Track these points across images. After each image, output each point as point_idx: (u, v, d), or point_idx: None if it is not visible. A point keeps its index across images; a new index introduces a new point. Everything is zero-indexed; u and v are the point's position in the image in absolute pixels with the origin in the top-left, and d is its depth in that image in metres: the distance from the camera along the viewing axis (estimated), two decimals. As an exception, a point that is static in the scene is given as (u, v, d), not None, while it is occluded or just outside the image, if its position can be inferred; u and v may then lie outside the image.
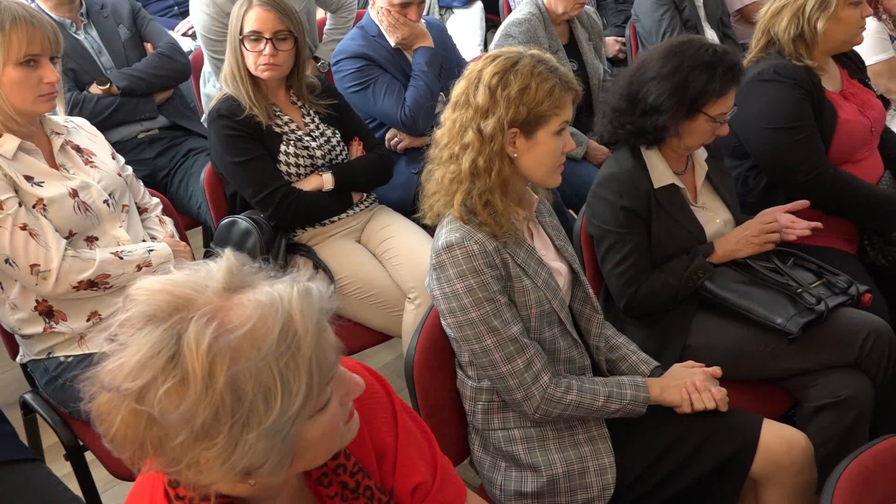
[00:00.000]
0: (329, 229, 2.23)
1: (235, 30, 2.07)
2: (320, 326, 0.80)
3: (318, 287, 0.84)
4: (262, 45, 2.05)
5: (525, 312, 1.51)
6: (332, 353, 0.82)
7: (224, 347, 0.74)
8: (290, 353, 0.77)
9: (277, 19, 2.06)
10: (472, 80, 1.49)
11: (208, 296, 0.78)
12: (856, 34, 2.19)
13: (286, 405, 0.76)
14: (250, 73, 2.09)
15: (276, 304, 0.78)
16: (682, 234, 1.87)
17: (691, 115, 1.77)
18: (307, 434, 0.82)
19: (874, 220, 2.18)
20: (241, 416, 0.75)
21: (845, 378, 1.77)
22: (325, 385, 0.82)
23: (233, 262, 0.82)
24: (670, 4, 3.53)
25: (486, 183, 1.48)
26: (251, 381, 0.75)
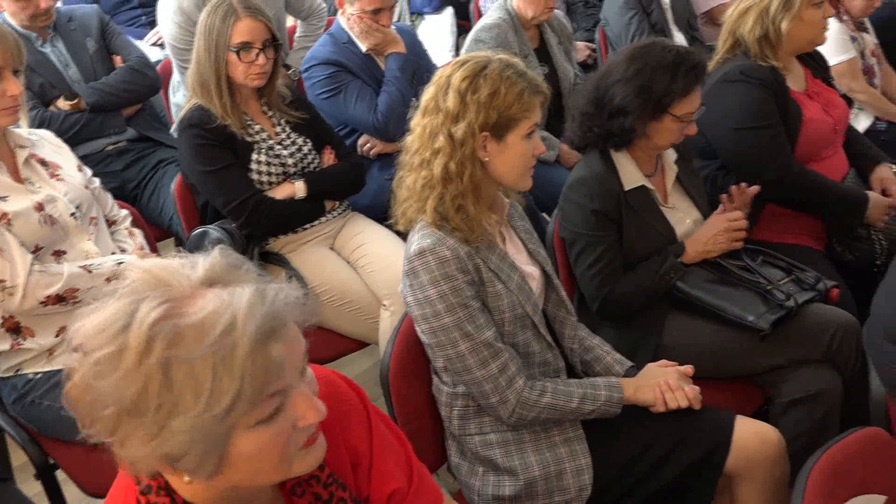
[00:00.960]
0: (302, 237, 2.22)
1: (220, 41, 2.05)
2: (266, 333, 0.78)
3: (280, 295, 0.82)
4: (254, 55, 2.06)
5: (498, 317, 1.51)
6: (279, 367, 0.80)
7: (168, 330, 0.76)
8: (227, 352, 0.76)
9: (265, 28, 2.09)
10: (442, 85, 1.50)
11: (183, 284, 0.80)
12: (819, 34, 2.23)
13: (213, 402, 0.76)
14: (229, 84, 2.08)
15: (230, 303, 0.78)
16: (653, 236, 1.89)
17: (658, 115, 1.80)
18: (243, 443, 0.80)
19: (840, 216, 2.22)
20: (168, 401, 0.76)
21: (815, 373, 1.79)
22: (264, 395, 0.79)
23: (217, 258, 0.83)
24: (638, 8, 3.56)
25: (459, 187, 1.48)
26: (184, 369, 0.76)
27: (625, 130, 1.81)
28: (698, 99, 1.83)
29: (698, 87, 1.81)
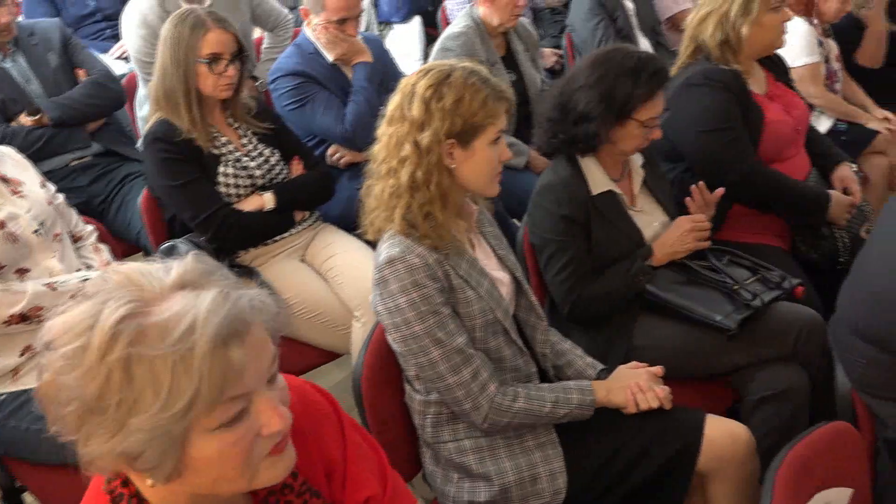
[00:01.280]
0: (272, 249, 2.21)
1: (190, 52, 2.04)
2: (226, 335, 0.78)
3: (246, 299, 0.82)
4: (224, 66, 2.05)
5: (469, 323, 1.51)
6: (239, 370, 0.79)
7: (132, 328, 0.77)
8: (186, 351, 0.76)
9: (234, 39, 2.09)
10: (407, 93, 1.50)
11: (154, 287, 0.81)
12: (777, 38, 2.28)
13: (171, 401, 0.76)
14: (198, 96, 2.07)
15: (194, 305, 0.79)
16: (621, 239, 1.91)
17: (622, 120, 1.82)
18: (203, 446, 0.80)
19: (804, 215, 2.26)
20: (128, 398, 0.76)
21: (783, 370, 1.82)
22: (224, 398, 0.79)
23: (190, 263, 0.84)
24: (603, 14, 3.60)
25: (426, 195, 1.48)
26: (145, 367, 0.76)
27: (589, 136, 1.82)
28: (661, 103, 1.85)
29: (661, 92, 1.84)
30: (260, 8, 3.16)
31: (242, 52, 2.11)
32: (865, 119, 3.17)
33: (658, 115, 1.85)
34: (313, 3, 2.47)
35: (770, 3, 2.20)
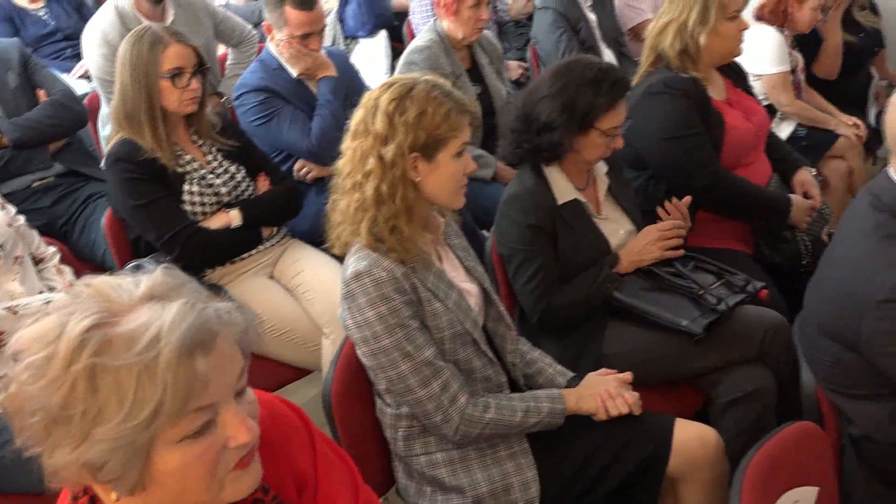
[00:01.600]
0: (240, 267, 2.19)
1: (150, 69, 2.01)
2: (191, 345, 0.78)
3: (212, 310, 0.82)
4: (187, 80, 2.04)
5: (438, 335, 1.51)
6: (204, 380, 0.79)
7: (97, 338, 0.77)
8: (151, 361, 0.77)
9: (194, 53, 2.08)
10: (370, 108, 1.51)
11: (123, 299, 0.81)
12: (735, 46, 2.32)
13: (135, 411, 0.76)
14: (163, 114, 2.05)
15: (160, 315, 0.79)
16: (587, 247, 1.92)
17: (584, 130, 1.84)
18: (167, 458, 0.80)
19: (766, 219, 2.31)
20: (93, 408, 0.76)
21: (750, 372, 1.85)
22: (189, 409, 0.79)
23: (160, 275, 0.85)
24: (566, 26, 3.65)
25: (391, 209, 1.49)
26: (110, 376, 0.76)
27: (553, 145, 1.84)
28: (623, 113, 1.88)
29: (622, 102, 1.86)
30: (223, 24, 3.15)
31: (203, 64, 2.09)
32: (834, 125, 3.24)
33: (620, 124, 1.87)
34: (276, 19, 2.46)
35: (727, 12, 2.24)
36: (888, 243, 1.37)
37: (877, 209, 1.43)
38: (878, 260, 1.37)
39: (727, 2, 2.23)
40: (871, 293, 1.35)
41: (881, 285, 1.33)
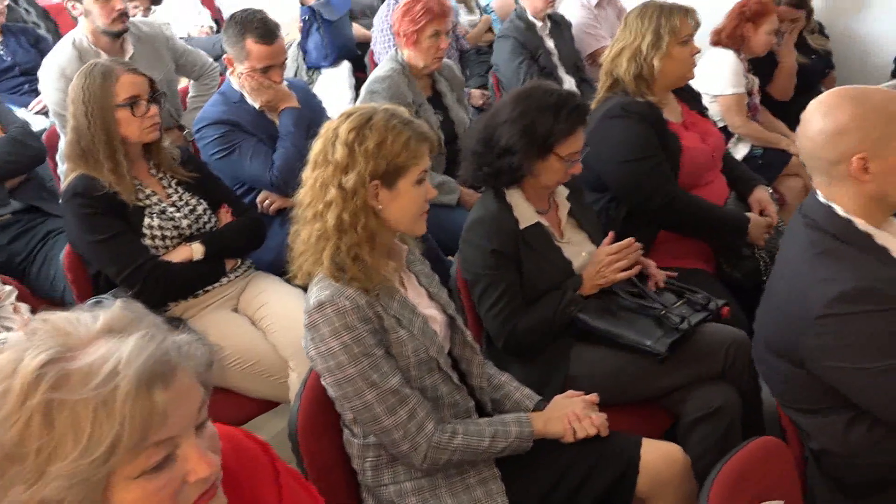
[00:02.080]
0: (203, 300, 2.16)
1: (105, 102, 1.99)
2: (149, 378, 0.78)
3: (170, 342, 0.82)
4: (144, 107, 2.02)
5: (404, 362, 1.51)
6: (163, 414, 0.79)
7: (54, 372, 0.76)
8: (108, 395, 0.75)
9: (146, 80, 2.07)
10: (329, 138, 1.51)
11: (81, 333, 0.81)
12: (688, 70, 2.39)
13: (91, 447, 0.75)
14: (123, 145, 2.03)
15: (118, 348, 0.78)
16: (551, 270, 1.94)
17: (543, 155, 1.86)
18: (125, 494, 0.79)
19: (725, 237, 2.35)
20: (48, 444, 0.75)
21: (714, 389, 1.87)
22: (148, 444, 0.78)
23: (118, 309, 0.85)
24: (525, 54, 3.71)
25: (353, 237, 1.49)
26: (66, 412, 0.75)
27: (512, 169, 1.87)
28: (582, 140, 1.90)
29: (581, 129, 1.89)
30: (184, 58, 3.14)
31: (157, 90, 2.08)
32: (786, 145, 3.33)
33: (578, 150, 1.90)
34: (237, 52, 2.47)
35: (679, 37, 2.31)
36: (821, 259, 1.41)
37: (809, 227, 1.47)
38: (812, 276, 1.40)
39: (678, 27, 2.30)
40: (809, 310, 1.38)
41: (817, 301, 1.36)
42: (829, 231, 1.44)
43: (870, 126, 1.37)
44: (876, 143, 1.37)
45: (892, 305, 1.34)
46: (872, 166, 1.39)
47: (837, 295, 1.35)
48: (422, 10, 2.73)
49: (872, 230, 1.44)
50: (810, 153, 1.45)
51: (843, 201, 1.44)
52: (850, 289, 1.34)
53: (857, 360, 1.36)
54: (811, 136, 1.44)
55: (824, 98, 1.45)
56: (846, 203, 1.44)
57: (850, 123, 1.38)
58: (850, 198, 1.43)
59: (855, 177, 1.40)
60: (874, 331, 1.34)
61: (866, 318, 1.34)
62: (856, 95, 1.42)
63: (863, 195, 1.42)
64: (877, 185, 1.40)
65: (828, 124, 1.40)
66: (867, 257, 1.41)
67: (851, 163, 1.39)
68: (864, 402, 1.42)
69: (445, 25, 2.84)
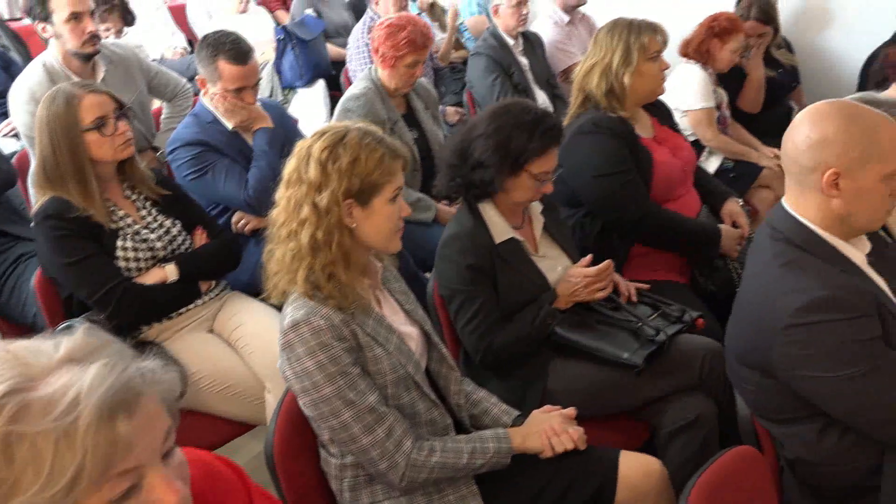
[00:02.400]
0: (177, 322, 2.14)
1: (72, 127, 1.96)
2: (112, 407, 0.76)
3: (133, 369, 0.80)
4: (113, 126, 2.00)
5: (381, 380, 1.50)
6: (127, 443, 0.77)
7: (13, 404, 0.74)
8: (69, 425, 0.74)
9: (110, 98, 2.05)
10: (303, 156, 1.51)
11: (42, 362, 0.78)
12: (658, 85, 2.42)
13: (53, 480, 0.73)
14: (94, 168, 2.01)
15: (80, 377, 0.76)
16: (527, 285, 1.95)
17: (515, 171, 1.88)
18: None
19: (698, 250, 2.38)
20: (8, 479, 0.73)
21: (691, 400, 1.89)
22: (112, 474, 0.76)
23: (80, 336, 0.82)
24: (499, 71, 3.75)
25: (328, 256, 1.49)
26: (26, 444, 0.73)
27: (484, 183, 1.88)
28: (555, 160, 1.92)
29: (555, 149, 1.91)
30: (157, 79, 3.13)
31: (123, 106, 2.07)
32: (756, 157, 3.39)
33: (550, 170, 1.91)
34: (210, 73, 2.46)
35: (648, 53, 2.35)
36: (787, 270, 1.43)
37: (775, 239, 1.49)
38: (779, 288, 1.42)
39: (648, 44, 2.34)
40: (777, 320, 1.40)
41: (784, 312, 1.38)
42: (794, 241, 1.46)
43: (851, 144, 1.38)
44: (852, 163, 1.39)
45: (858, 314, 1.37)
46: (843, 184, 1.41)
47: (804, 305, 1.37)
48: (405, 39, 2.74)
49: (836, 241, 1.47)
50: (790, 156, 1.47)
51: (809, 212, 1.47)
52: (816, 298, 1.36)
53: (825, 368, 1.38)
54: (795, 140, 1.45)
55: (819, 106, 1.46)
56: (812, 215, 1.47)
57: (833, 137, 1.40)
58: (817, 210, 1.46)
59: (824, 190, 1.42)
60: (841, 339, 1.36)
61: (833, 327, 1.36)
62: (848, 111, 1.42)
63: (828, 210, 1.44)
64: (844, 203, 1.42)
65: (813, 132, 1.42)
66: (831, 267, 1.43)
67: (824, 175, 1.41)
68: (834, 410, 1.44)
69: (424, 56, 2.87)
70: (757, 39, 3.60)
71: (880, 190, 1.41)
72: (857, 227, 1.47)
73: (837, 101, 1.46)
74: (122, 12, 3.86)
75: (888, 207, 1.44)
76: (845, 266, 1.45)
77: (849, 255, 1.47)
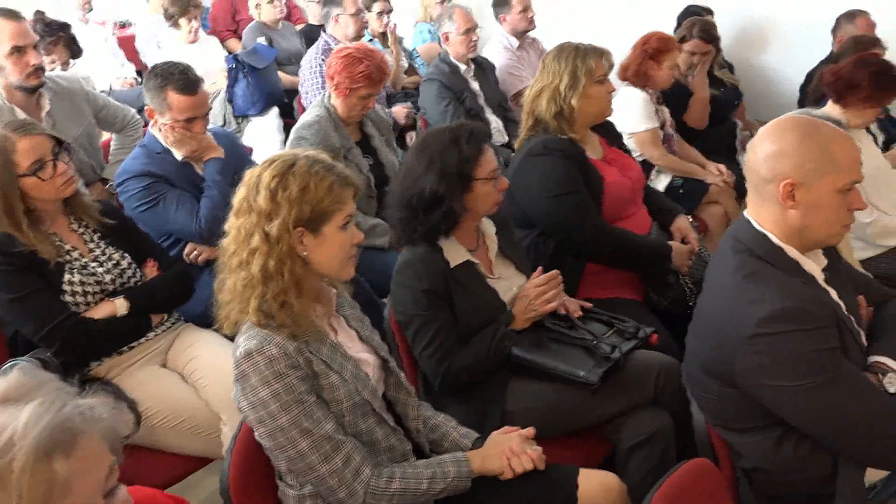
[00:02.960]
0: (128, 357, 2.09)
1: (6, 175, 1.91)
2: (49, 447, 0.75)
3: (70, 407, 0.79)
4: (51, 168, 1.96)
5: (337, 408, 1.49)
6: (65, 484, 0.76)
7: None
8: (4, 468, 0.73)
9: (46, 138, 2.00)
10: (252, 185, 1.51)
11: None
12: (605, 107, 2.48)
13: None
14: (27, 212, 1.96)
15: (15, 418, 0.75)
16: (483, 307, 1.96)
17: (467, 185, 1.90)
18: None
19: (650, 266, 2.42)
20: None
21: (648, 415, 1.91)
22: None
23: (14, 377, 0.81)
24: (451, 97, 3.79)
25: (280, 284, 1.48)
26: None
27: (448, 214, 1.89)
28: (493, 156, 1.95)
29: (486, 146, 1.93)
30: (105, 110, 3.08)
31: (61, 143, 2.02)
32: (702, 174, 3.48)
33: (495, 166, 1.94)
34: (158, 104, 2.44)
35: (594, 77, 2.40)
36: (749, 281, 1.47)
37: (737, 251, 1.53)
38: (741, 298, 1.45)
39: (594, 67, 2.39)
40: (739, 331, 1.43)
41: (747, 322, 1.42)
42: (756, 252, 1.50)
43: (807, 156, 1.43)
44: (807, 174, 1.44)
45: (818, 325, 1.40)
46: (798, 195, 1.45)
47: (765, 315, 1.40)
48: (361, 73, 2.76)
49: (795, 253, 1.51)
50: (750, 166, 1.52)
51: (768, 224, 1.51)
52: (777, 309, 1.39)
53: (786, 378, 1.41)
54: (756, 151, 1.50)
55: (782, 119, 1.51)
56: (771, 227, 1.51)
57: (791, 149, 1.45)
58: (774, 221, 1.50)
59: (781, 200, 1.47)
60: (801, 350, 1.39)
61: (793, 338, 1.39)
62: (807, 126, 1.47)
63: (786, 221, 1.49)
64: (799, 214, 1.47)
65: (773, 144, 1.47)
66: (792, 279, 1.47)
67: (780, 185, 1.46)
68: (793, 419, 1.47)
69: (379, 90, 2.89)
70: (701, 58, 3.73)
71: (835, 203, 1.46)
72: (814, 240, 1.51)
73: (798, 117, 1.51)
74: (68, 44, 3.80)
75: (845, 222, 1.49)
76: (804, 278, 1.49)
77: (807, 268, 1.51)
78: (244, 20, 5.66)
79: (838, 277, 1.60)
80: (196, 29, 4.57)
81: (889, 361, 1.53)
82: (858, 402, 1.41)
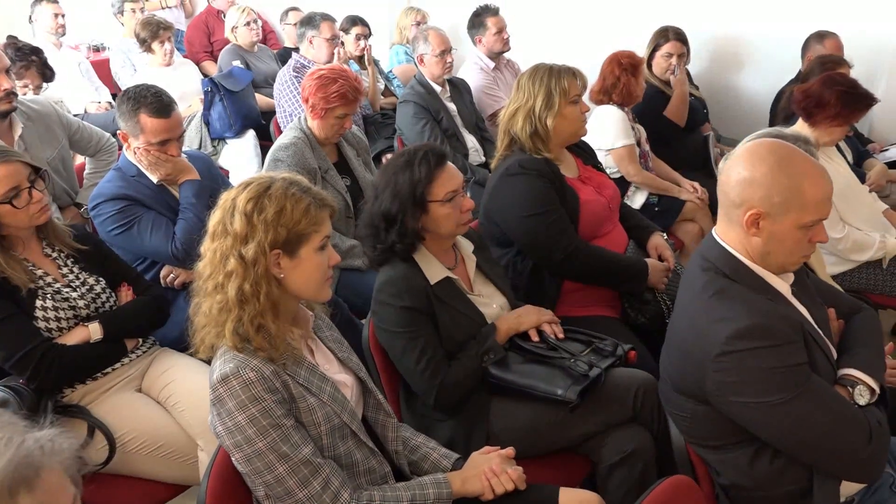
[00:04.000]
0: (103, 383, 2.06)
1: None
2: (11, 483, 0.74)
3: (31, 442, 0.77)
4: (27, 196, 1.93)
5: (315, 431, 1.48)
6: None
7: None
8: None
9: (23, 165, 1.97)
10: (227, 208, 1.50)
11: None
12: (580, 127, 2.50)
13: None
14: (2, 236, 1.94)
15: None
16: (466, 323, 1.96)
17: (422, 207, 1.91)
18: None
19: (627, 284, 2.43)
20: None
21: (628, 433, 1.91)
22: None
23: None
24: (428, 117, 3.81)
25: (256, 307, 1.47)
26: None
27: (405, 232, 1.90)
28: (453, 178, 1.95)
29: (441, 169, 1.93)
30: (78, 134, 3.06)
31: (38, 170, 2.00)
32: (677, 192, 3.53)
33: (456, 187, 1.94)
34: (131, 128, 2.42)
35: (569, 97, 2.43)
36: (716, 300, 1.48)
37: (704, 270, 1.55)
38: (709, 317, 1.47)
39: (568, 88, 2.42)
40: (708, 349, 1.44)
41: (714, 340, 1.43)
42: (723, 270, 1.52)
43: (776, 190, 1.44)
44: (773, 207, 1.45)
45: (784, 341, 1.42)
46: (763, 224, 1.47)
47: (732, 333, 1.41)
48: (336, 93, 2.77)
49: (761, 270, 1.53)
50: (722, 187, 1.53)
51: (735, 244, 1.53)
52: (744, 326, 1.41)
53: (755, 394, 1.42)
54: (729, 174, 1.51)
55: (759, 144, 1.51)
56: (737, 246, 1.53)
57: (761, 179, 1.45)
58: (739, 243, 1.53)
59: (745, 227, 1.49)
60: (768, 366, 1.41)
61: (759, 354, 1.41)
62: (781, 157, 1.47)
63: (749, 245, 1.51)
64: (763, 242, 1.49)
65: (745, 170, 1.48)
66: (758, 296, 1.48)
67: (746, 213, 1.47)
68: (764, 435, 1.48)
69: (354, 109, 2.90)
70: (679, 59, 3.92)
71: (797, 236, 1.47)
72: (774, 265, 1.53)
73: (776, 144, 1.51)
74: (41, 68, 3.76)
75: (805, 252, 1.51)
76: (771, 294, 1.51)
77: (774, 284, 1.53)
78: (219, 42, 5.67)
79: (807, 292, 1.63)
80: (170, 52, 4.56)
81: (859, 374, 1.55)
82: (826, 416, 1.43)
